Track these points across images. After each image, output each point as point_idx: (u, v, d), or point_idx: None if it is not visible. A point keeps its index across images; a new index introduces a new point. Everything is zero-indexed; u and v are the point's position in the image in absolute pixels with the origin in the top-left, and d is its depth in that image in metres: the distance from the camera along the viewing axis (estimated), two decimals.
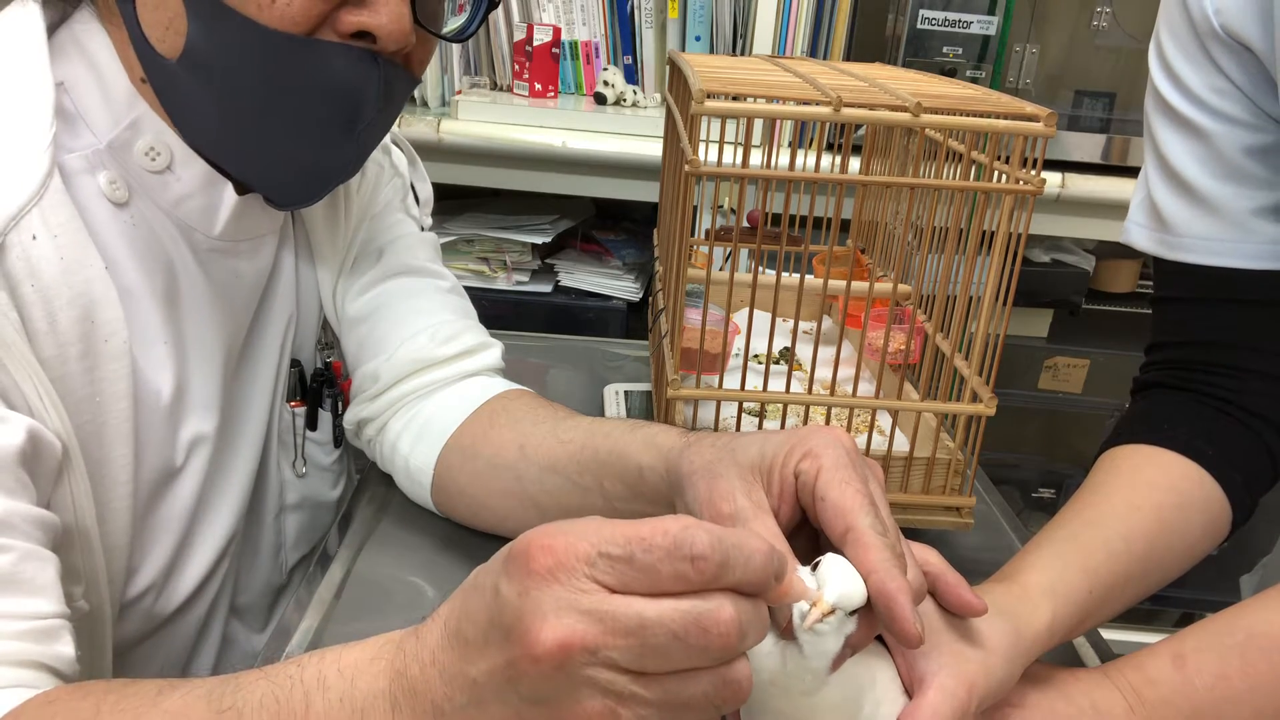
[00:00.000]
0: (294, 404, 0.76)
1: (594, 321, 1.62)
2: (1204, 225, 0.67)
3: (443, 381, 0.74)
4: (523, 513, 0.68)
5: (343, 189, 0.76)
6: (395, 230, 0.80)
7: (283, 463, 0.77)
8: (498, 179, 1.54)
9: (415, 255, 0.79)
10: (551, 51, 1.58)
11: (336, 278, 0.77)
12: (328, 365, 0.79)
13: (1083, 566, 0.57)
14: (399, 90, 0.62)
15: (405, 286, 0.77)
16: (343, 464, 0.83)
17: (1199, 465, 0.64)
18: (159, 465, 0.64)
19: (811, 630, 0.42)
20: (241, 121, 0.59)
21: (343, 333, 0.78)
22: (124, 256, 0.60)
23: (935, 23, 1.45)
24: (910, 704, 0.47)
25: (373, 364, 0.75)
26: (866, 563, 0.43)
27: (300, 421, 0.77)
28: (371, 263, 0.77)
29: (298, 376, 0.77)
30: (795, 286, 0.69)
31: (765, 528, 0.46)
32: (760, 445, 0.49)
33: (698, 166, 0.60)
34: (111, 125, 0.59)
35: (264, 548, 0.78)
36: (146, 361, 0.62)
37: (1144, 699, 0.52)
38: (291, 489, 0.78)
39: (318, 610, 0.64)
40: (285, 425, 0.77)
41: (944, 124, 0.59)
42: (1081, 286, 1.76)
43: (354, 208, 0.78)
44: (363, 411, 0.76)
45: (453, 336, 0.75)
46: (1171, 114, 0.68)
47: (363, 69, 0.58)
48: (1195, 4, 0.64)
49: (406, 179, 0.84)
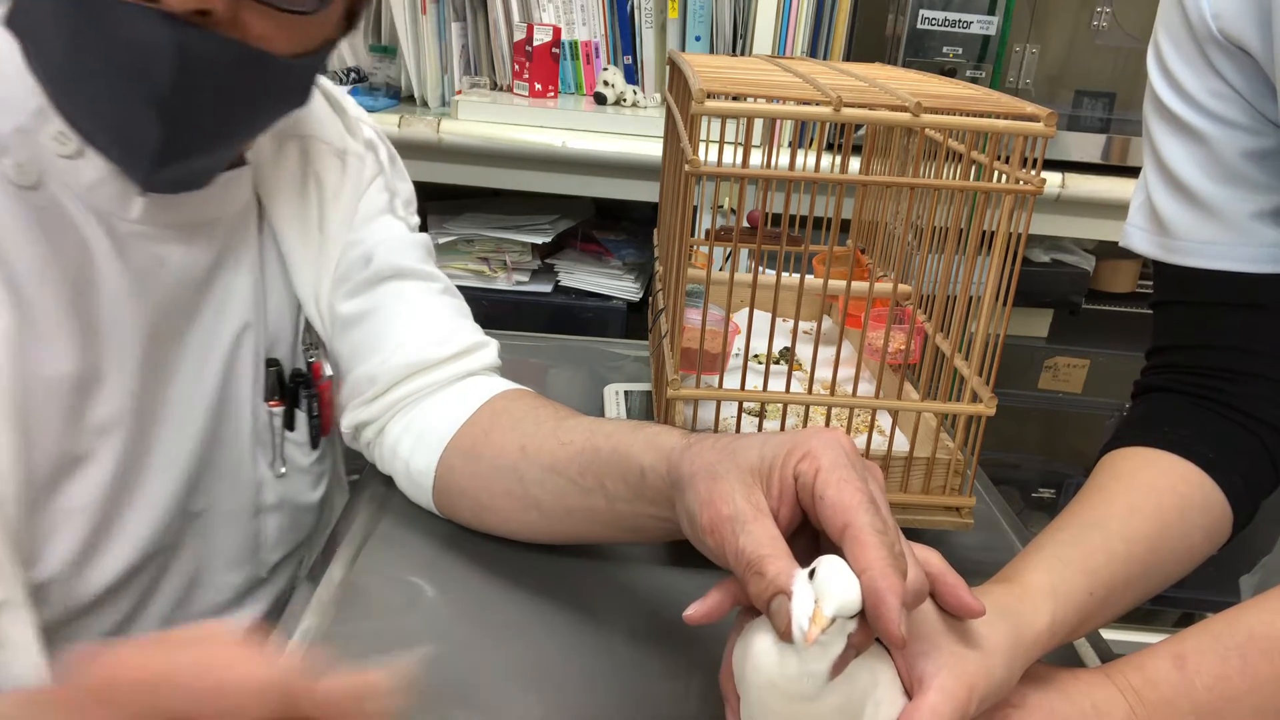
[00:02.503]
0: (271, 403, 0.76)
1: (594, 321, 1.62)
2: (1203, 229, 0.67)
3: (440, 383, 0.74)
4: (525, 514, 0.68)
5: (315, 190, 0.76)
6: (384, 233, 0.79)
7: (261, 462, 0.77)
8: (498, 179, 1.54)
9: (406, 257, 0.78)
10: (551, 51, 1.58)
11: (317, 280, 0.76)
12: (309, 366, 0.79)
13: (1083, 568, 0.57)
14: (224, 61, 0.58)
15: (398, 289, 0.76)
16: (324, 466, 0.83)
17: (1199, 468, 0.64)
18: (58, 451, 0.63)
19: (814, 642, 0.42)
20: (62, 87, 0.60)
21: (334, 336, 0.77)
22: (26, 241, 0.60)
23: (935, 23, 1.45)
24: (910, 704, 0.47)
25: (368, 367, 0.74)
26: (862, 559, 0.43)
27: (278, 421, 0.77)
28: (361, 267, 0.76)
29: (275, 376, 0.76)
30: (795, 286, 0.69)
31: (764, 529, 0.46)
32: (760, 447, 0.49)
33: (698, 166, 0.60)
34: (17, 111, 0.60)
35: (237, 546, 0.77)
36: (41, 347, 0.61)
37: (1144, 699, 0.52)
38: (270, 489, 0.78)
39: (318, 610, 0.64)
40: (263, 424, 0.76)
41: (944, 124, 0.59)
42: (1081, 286, 1.76)
43: (333, 211, 0.77)
44: (361, 415, 0.76)
45: (448, 337, 0.75)
46: (1170, 118, 0.68)
47: (146, 27, 0.54)
48: (1194, 8, 0.64)
49: (390, 180, 0.83)
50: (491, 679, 0.59)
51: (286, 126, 0.74)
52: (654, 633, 0.64)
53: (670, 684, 0.60)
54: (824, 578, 0.43)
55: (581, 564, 0.70)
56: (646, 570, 0.71)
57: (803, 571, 0.44)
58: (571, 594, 0.67)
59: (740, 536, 0.46)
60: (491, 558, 0.70)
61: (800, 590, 0.43)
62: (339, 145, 0.78)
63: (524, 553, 0.70)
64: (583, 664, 0.61)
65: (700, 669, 0.60)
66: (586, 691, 0.59)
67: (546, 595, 0.67)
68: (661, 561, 0.71)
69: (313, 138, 0.77)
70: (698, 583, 0.50)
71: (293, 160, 0.76)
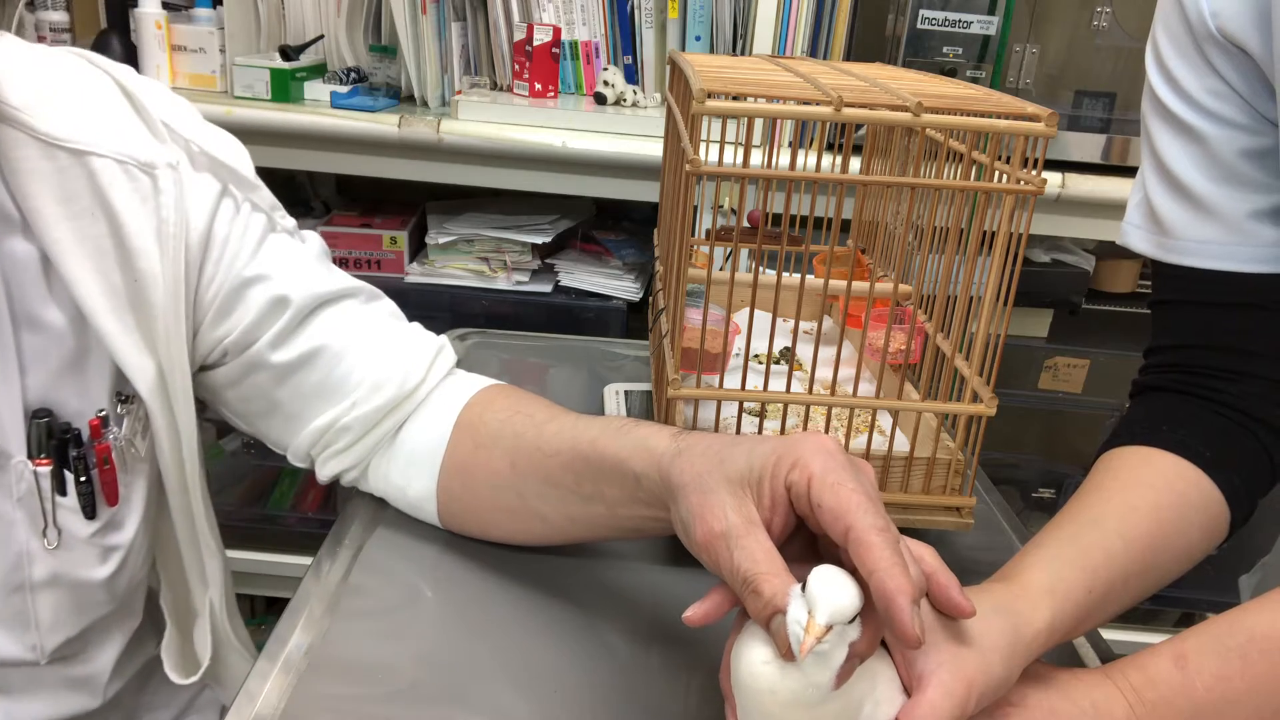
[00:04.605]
0: (37, 462, 0.64)
1: (594, 321, 1.62)
2: (1201, 229, 0.67)
3: (413, 408, 0.71)
4: (529, 525, 0.67)
5: (107, 221, 0.62)
6: (281, 261, 0.69)
7: (27, 531, 0.65)
8: (498, 179, 1.53)
9: (319, 280, 0.70)
10: (551, 51, 1.58)
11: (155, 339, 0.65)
12: (101, 421, 0.67)
13: (1082, 566, 0.57)
14: None
15: (330, 320, 0.70)
16: (114, 540, 0.70)
17: (1197, 467, 0.64)
18: None
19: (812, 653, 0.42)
20: None
21: (267, 386, 0.70)
22: None
23: (935, 23, 1.45)
24: (909, 702, 0.47)
25: (333, 414, 0.69)
26: (868, 562, 0.43)
27: (46, 484, 0.65)
28: (279, 311, 0.68)
29: (45, 430, 0.64)
30: (796, 286, 0.69)
31: (757, 543, 0.46)
32: (747, 456, 0.49)
33: (698, 166, 0.60)
34: None
35: (2, 624, 0.66)
36: None
37: (1144, 699, 0.52)
38: (39, 562, 0.66)
39: (317, 610, 0.64)
40: (28, 486, 0.65)
41: (944, 124, 0.59)
42: (1081, 286, 1.76)
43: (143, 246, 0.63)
44: (338, 465, 0.72)
45: (408, 357, 0.71)
46: (1168, 117, 0.68)
47: None
48: (1192, 7, 0.64)
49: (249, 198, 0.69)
50: (491, 679, 0.59)
51: (55, 134, 0.61)
52: (653, 633, 0.64)
53: (669, 683, 0.60)
54: (815, 587, 0.43)
55: (581, 564, 0.70)
56: (646, 570, 0.71)
57: (796, 586, 0.44)
58: (571, 594, 0.67)
59: (735, 552, 0.46)
60: (491, 558, 0.70)
61: (795, 605, 0.43)
62: (142, 158, 0.63)
63: (524, 553, 0.70)
64: (582, 664, 0.61)
65: (699, 668, 0.60)
66: (586, 691, 0.59)
67: (546, 595, 0.67)
68: (661, 561, 0.71)
69: (92, 154, 0.62)
70: (697, 583, 0.50)
71: (74, 180, 0.62)
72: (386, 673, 0.59)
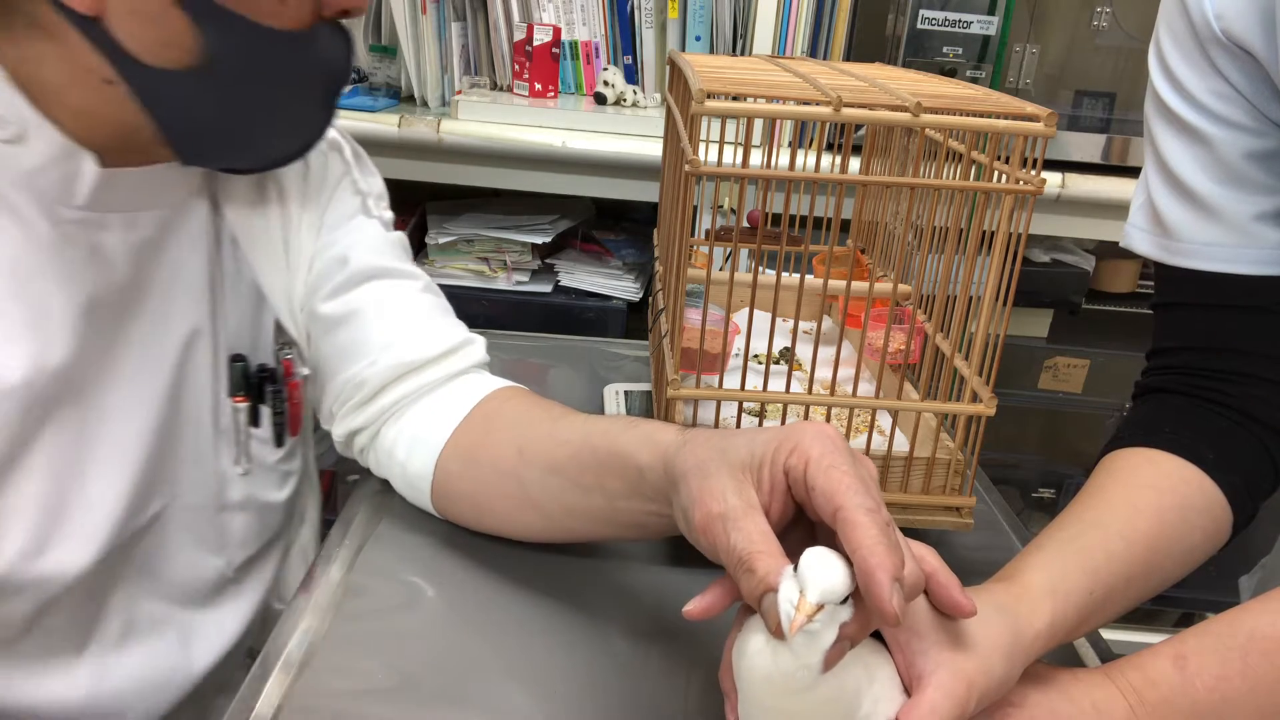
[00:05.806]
0: (236, 399, 0.75)
1: (594, 321, 1.62)
2: (1205, 231, 0.67)
3: (432, 384, 0.74)
4: (525, 515, 0.68)
5: (275, 191, 0.75)
6: (359, 234, 0.78)
7: (224, 458, 0.75)
8: (498, 179, 1.53)
9: (384, 257, 0.77)
10: (551, 51, 1.58)
11: (288, 284, 0.75)
12: (279, 362, 0.77)
13: (1083, 567, 0.57)
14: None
15: (378, 289, 0.76)
16: (291, 465, 0.81)
17: (1200, 469, 0.64)
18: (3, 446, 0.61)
19: (801, 631, 0.42)
20: (253, 115, 0.64)
21: (316, 338, 0.77)
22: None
23: (935, 23, 1.45)
24: (909, 701, 0.47)
25: (354, 370, 0.74)
26: (854, 539, 0.43)
27: (242, 417, 0.75)
28: (338, 269, 0.76)
29: (240, 372, 0.75)
30: (795, 286, 0.69)
31: (755, 525, 0.46)
32: (750, 444, 0.50)
33: (698, 166, 0.60)
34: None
35: (199, 541, 0.75)
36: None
37: (1145, 699, 0.52)
38: (234, 486, 0.76)
39: (317, 610, 0.64)
40: (227, 420, 0.75)
41: (944, 124, 0.59)
42: (1081, 286, 1.76)
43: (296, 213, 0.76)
44: (353, 422, 0.75)
45: (434, 335, 0.75)
46: (1172, 118, 0.67)
47: (342, 41, 0.65)
48: (1196, 8, 0.64)
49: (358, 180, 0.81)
50: (491, 679, 0.59)
51: None
52: (653, 631, 0.64)
53: (669, 682, 0.60)
54: (806, 566, 0.43)
55: (581, 564, 0.70)
56: (646, 570, 0.71)
57: (789, 566, 0.44)
58: (571, 594, 0.67)
59: (731, 534, 0.46)
60: (491, 558, 0.70)
61: (786, 584, 0.43)
62: None
63: (524, 552, 0.70)
64: (582, 663, 0.61)
65: (699, 667, 0.60)
66: (586, 690, 0.59)
67: (546, 595, 0.67)
68: (661, 561, 0.71)
69: None
70: (697, 581, 0.50)
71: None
72: (386, 673, 0.59)
